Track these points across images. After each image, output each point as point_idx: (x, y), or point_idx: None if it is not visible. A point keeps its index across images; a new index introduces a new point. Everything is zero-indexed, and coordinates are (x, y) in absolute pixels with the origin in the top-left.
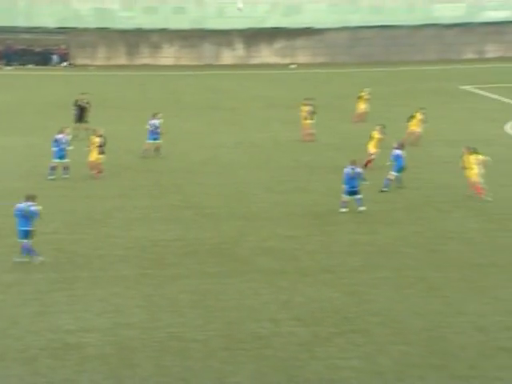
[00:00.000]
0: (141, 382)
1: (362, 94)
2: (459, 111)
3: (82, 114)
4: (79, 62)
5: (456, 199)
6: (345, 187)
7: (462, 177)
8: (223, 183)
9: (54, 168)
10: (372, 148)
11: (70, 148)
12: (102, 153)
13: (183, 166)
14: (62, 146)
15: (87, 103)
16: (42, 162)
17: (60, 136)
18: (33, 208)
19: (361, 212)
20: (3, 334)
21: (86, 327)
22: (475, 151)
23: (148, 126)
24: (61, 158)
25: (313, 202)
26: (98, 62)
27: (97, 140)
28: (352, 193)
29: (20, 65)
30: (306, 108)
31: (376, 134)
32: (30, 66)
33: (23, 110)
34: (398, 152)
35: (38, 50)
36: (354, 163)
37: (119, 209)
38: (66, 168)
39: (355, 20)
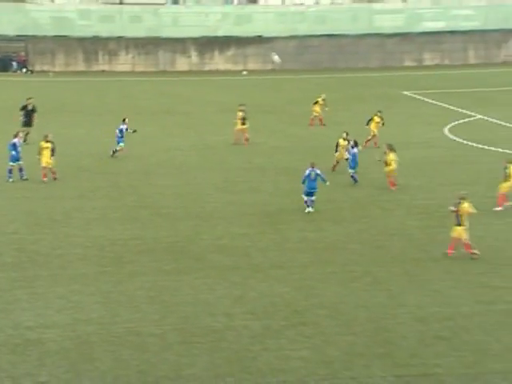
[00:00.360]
0: (99, 376)
1: (319, 99)
2: (401, 115)
3: (29, 118)
4: (38, 68)
5: (398, 198)
6: (304, 188)
7: (403, 177)
8: (178, 184)
9: (11, 171)
10: (339, 155)
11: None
12: (52, 156)
13: (140, 168)
14: (19, 149)
15: (32, 109)
16: (2, 165)
17: (16, 140)
18: None
19: (309, 213)
20: None
21: (46, 323)
22: (394, 149)
23: (118, 131)
24: (17, 160)
25: (264, 202)
26: (57, 69)
27: (47, 145)
28: (309, 194)
29: None
30: (240, 114)
31: (342, 142)
32: None
33: None
34: (354, 150)
35: None
36: (313, 165)
37: (78, 209)
38: (21, 169)
39: (302, 29)
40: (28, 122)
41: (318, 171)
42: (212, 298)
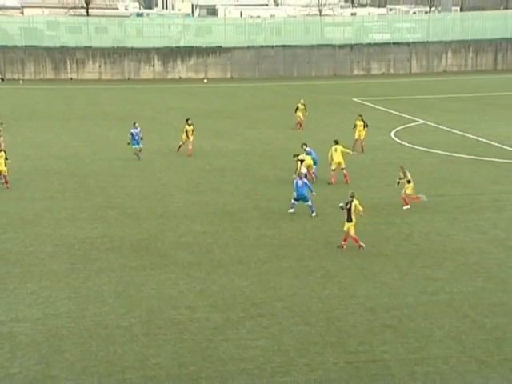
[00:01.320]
0: (69, 366)
1: (299, 104)
2: (351, 120)
3: None
4: (9, 76)
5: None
6: (294, 194)
7: (353, 178)
8: (143, 185)
9: None
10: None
11: None
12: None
13: (107, 170)
14: None
15: None
16: None
17: None
18: None
19: (312, 216)
20: None
21: (17, 318)
22: (337, 142)
23: (130, 135)
24: None
25: (224, 202)
26: (27, 77)
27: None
28: (300, 199)
29: None
30: (189, 127)
31: (306, 158)
32: None
33: None
34: (309, 149)
35: None
36: (301, 176)
37: (48, 210)
38: None
39: (259, 40)
40: None
41: (306, 180)
42: (176, 292)
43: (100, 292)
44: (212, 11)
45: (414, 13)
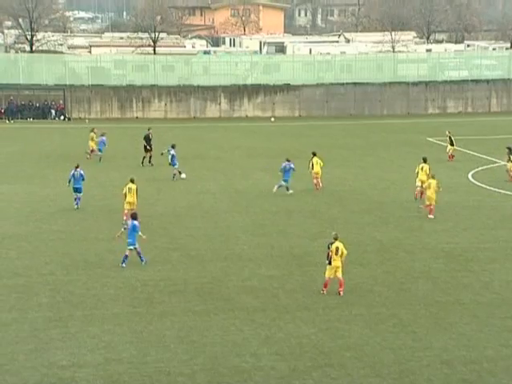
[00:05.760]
0: None
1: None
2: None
3: (149, 144)
4: (75, 115)
5: (423, 241)
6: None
7: (428, 221)
8: (208, 227)
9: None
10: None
11: None
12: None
13: (171, 211)
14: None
15: (150, 138)
16: (40, 208)
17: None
18: None
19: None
20: (1, 369)
21: (78, 363)
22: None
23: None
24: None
25: (291, 244)
26: (93, 116)
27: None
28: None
29: (21, 119)
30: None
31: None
32: (30, 119)
33: (23, 160)
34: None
35: (37, 105)
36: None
37: (111, 251)
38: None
39: (329, 78)
40: (148, 148)
41: (292, 165)
42: (240, 338)
43: (162, 337)
44: (280, 48)
45: (494, 49)
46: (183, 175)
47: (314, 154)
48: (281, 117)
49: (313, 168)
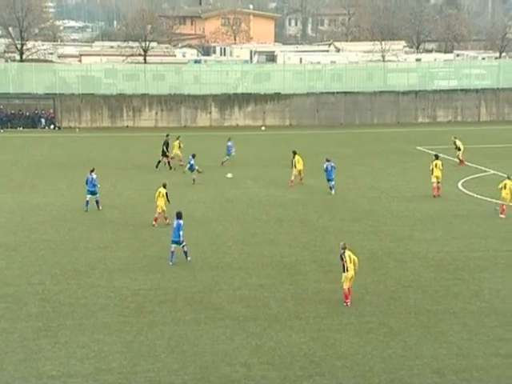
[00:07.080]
0: None
1: (457, 141)
2: (415, 170)
3: (166, 149)
4: (65, 124)
5: (413, 250)
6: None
7: (417, 230)
8: (198, 235)
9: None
10: None
11: None
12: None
13: (161, 220)
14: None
15: (168, 143)
16: (30, 217)
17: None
18: None
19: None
20: None
21: (68, 372)
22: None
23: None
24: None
25: (282, 253)
26: (83, 125)
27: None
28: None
29: (11, 128)
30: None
31: None
32: (19, 128)
33: (13, 169)
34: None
35: (27, 114)
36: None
37: (101, 260)
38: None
39: (319, 87)
40: (166, 153)
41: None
42: (230, 348)
43: (153, 347)
44: (271, 57)
45: (484, 58)
46: (229, 175)
47: (295, 153)
48: (271, 126)
49: (295, 167)
